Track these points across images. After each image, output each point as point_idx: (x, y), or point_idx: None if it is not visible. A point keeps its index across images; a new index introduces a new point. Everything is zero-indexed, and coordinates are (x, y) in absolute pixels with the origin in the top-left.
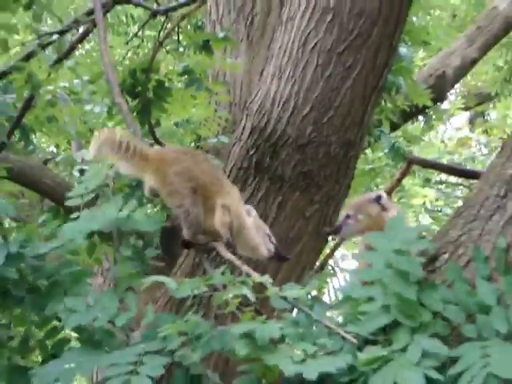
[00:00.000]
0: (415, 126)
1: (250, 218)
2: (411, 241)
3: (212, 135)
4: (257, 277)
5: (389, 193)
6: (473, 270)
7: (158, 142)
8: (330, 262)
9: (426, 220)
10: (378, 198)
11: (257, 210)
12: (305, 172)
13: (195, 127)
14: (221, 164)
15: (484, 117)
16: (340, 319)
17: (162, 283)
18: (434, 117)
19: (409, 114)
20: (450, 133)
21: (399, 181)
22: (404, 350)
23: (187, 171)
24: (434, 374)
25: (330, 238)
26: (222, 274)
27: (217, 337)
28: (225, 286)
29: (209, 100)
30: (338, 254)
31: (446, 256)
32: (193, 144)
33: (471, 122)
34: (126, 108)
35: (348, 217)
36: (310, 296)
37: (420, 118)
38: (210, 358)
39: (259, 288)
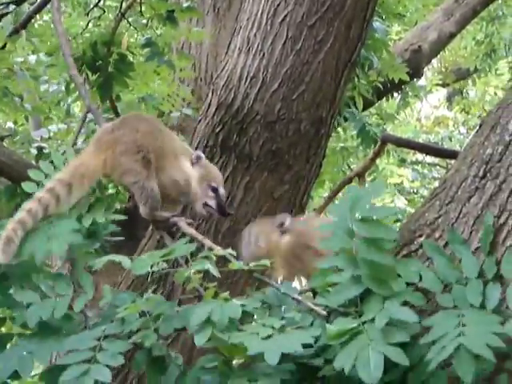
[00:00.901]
0: (390, 104)
1: (194, 168)
2: (375, 208)
3: (175, 111)
4: (220, 250)
5: (362, 173)
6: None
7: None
8: None
9: (401, 202)
10: (281, 224)
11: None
12: (274, 150)
13: (158, 102)
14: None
15: (462, 94)
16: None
17: (122, 266)
18: (409, 93)
19: (383, 91)
20: (427, 111)
21: (373, 160)
22: (374, 320)
23: (131, 145)
24: (397, 356)
25: None
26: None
27: (178, 315)
28: (187, 262)
29: (173, 76)
30: None
31: (422, 239)
32: None
33: (449, 100)
34: (80, 81)
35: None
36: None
37: (395, 95)
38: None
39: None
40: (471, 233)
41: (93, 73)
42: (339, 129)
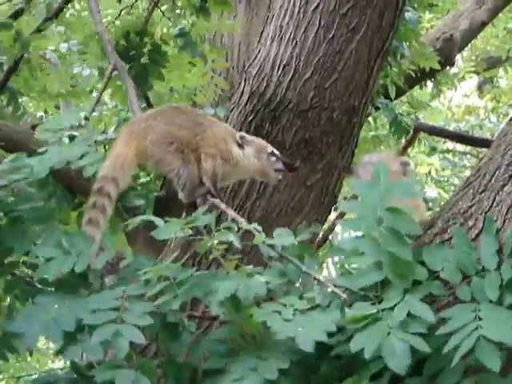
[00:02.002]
0: (422, 92)
1: (245, 149)
2: (404, 194)
3: (208, 102)
4: (244, 223)
5: None
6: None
7: (151, 107)
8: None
9: (432, 190)
10: (405, 163)
11: None
12: (306, 139)
13: (190, 93)
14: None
15: (493, 83)
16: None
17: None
18: (443, 81)
19: (415, 79)
20: (458, 99)
21: (405, 148)
22: (393, 308)
23: (164, 135)
24: (418, 343)
25: (333, 207)
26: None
27: (200, 283)
28: (209, 232)
29: (206, 67)
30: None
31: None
32: None
33: (479, 89)
34: (107, 38)
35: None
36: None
37: (428, 83)
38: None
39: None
40: (504, 221)
41: (126, 62)
42: (370, 118)
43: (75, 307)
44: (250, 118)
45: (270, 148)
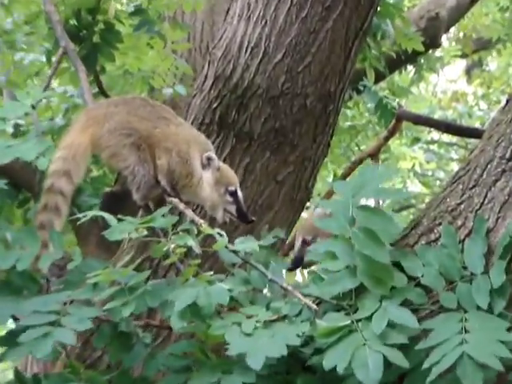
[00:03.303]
0: (403, 77)
1: (205, 171)
2: (382, 190)
3: (167, 86)
4: (205, 226)
5: (375, 153)
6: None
7: (104, 93)
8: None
9: (414, 186)
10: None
11: None
12: (277, 128)
13: (148, 76)
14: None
15: (482, 67)
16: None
17: None
18: (425, 66)
19: (396, 63)
20: (444, 85)
21: (387, 139)
22: (370, 318)
23: (123, 125)
24: (396, 357)
25: (306, 205)
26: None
27: (154, 292)
28: (166, 235)
29: (166, 49)
30: None
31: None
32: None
33: (468, 73)
34: (56, 18)
35: (305, 242)
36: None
37: (409, 67)
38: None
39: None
40: (497, 220)
41: (76, 43)
42: (349, 103)
43: (14, 307)
44: (215, 105)
45: (233, 187)
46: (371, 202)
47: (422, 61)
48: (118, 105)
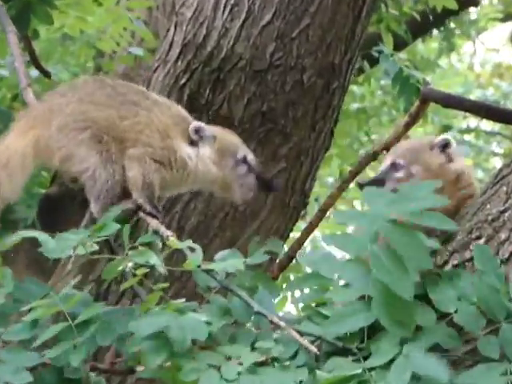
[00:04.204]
0: (428, 46)
1: (200, 148)
2: (424, 215)
3: (122, 52)
4: (172, 238)
5: (390, 146)
6: None
7: (37, 65)
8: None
9: None
10: (445, 145)
11: None
12: (264, 112)
13: (94, 39)
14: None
15: None
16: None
17: None
18: (457, 31)
19: (420, 27)
20: (483, 56)
21: (408, 126)
22: (387, 366)
23: (76, 117)
24: None
25: (302, 212)
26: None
27: (109, 325)
28: (123, 250)
29: (119, 7)
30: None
31: (481, 242)
32: (90, 64)
33: None
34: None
35: (395, 167)
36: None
37: (436, 32)
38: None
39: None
40: None
41: (4, 2)
42: (359, 79)
43: None
44: (183, 81)
45: (242, 151)
46: None
47: (453, 25)
48: (65, 94)
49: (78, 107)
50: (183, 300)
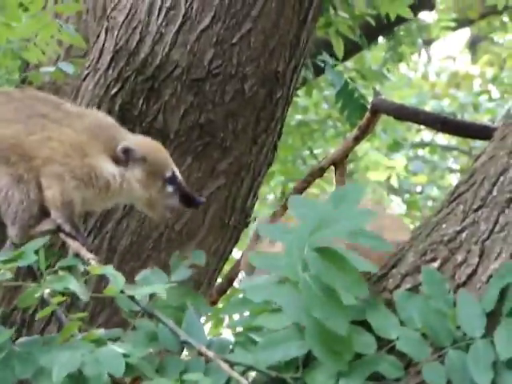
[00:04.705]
0: (374, 55)
1: (129, 168)
2: (359, 234)
3: (48, 61)
4: (93, 262)
5: (340, 160)
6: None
7: None
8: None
9: (395, 205)
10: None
11: None
12: (202, 124)
13: (20, 48)
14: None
15: (493, 39)
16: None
17: None
18: (405, 40)
19: (373, 33)
20: (438, 65)
21: (358, 140)
22: None
23: None
24: None
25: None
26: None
27: (25, 355)
28: (41, 275)
29: (46, 12)
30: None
31: (436, 265)
32: (15, 76)
33: (472, 48)
34: None
35: None
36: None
37: (381, 40)
38: None
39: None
40: None
41: None
42: (300, 91)
43: None
44: (114, 91)
45: (170, 169)
46: None
47: (402, 32)
48: None
49: None
50: (102, 330)
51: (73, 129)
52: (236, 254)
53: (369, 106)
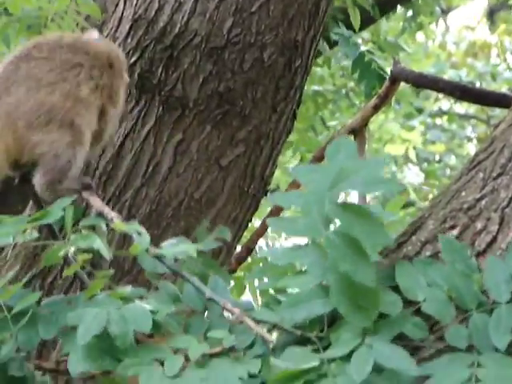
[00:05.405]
0: (392, 25)
1: None
2: (372, 182)
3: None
4: (117, 219)
5: (360, 129)
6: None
7: None
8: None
9: (413, 174)
10: None
11: (141, 154)
12: (221, 92)
13: (35, 22)
14: None
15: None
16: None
17: None
18: (422, 9)
19: (387, 3)
20: (456, 33)
21: (377, 108)
22: (348, 358)
23: (38, 113)
24: None
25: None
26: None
27: (48, 316)
28: (64, 236)
29: None
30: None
31: (455, 232)
32: None
33: (490, 17)
34: None
35: None
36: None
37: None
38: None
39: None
40: None
41: None
42: (319, 60)
43: None
44: (133, 60)
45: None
46: (354, 198)
47: (420, 1)
48: (10, 85)
49: (33, 99)
50: (129, 287)
51: None
52: (255, 222)
53: (387, 76)
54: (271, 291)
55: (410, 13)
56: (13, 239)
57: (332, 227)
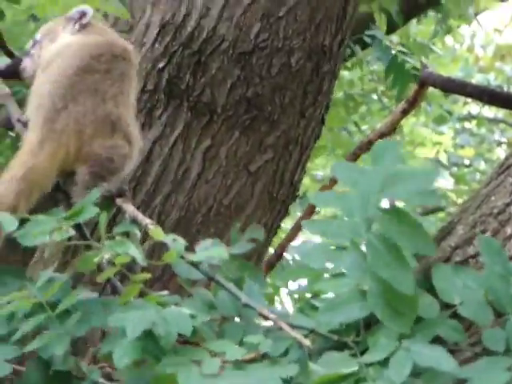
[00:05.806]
0: (421, 29)
1: None
2: (421, 193)
3: None
4: (153, 227)
5: (388, 133)
6: None
7: (4, 48)
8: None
9: (443, 180)
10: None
11: (170, 160)
12: (249, 98)
13: None
14: None
15: None
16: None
17: None
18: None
19: (414, 6)
20: (484, 38)
21: (406, 112)
22: (386, 362)
23: (102, 123)
24: None
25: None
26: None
27: (88, 317)
28: (99, 240)
29: None
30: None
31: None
32: None
33: None
34: None
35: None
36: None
37: (430, 13)
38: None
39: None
40: None
41: None
42: (348, 63)
43: None
44: (161, 65)
45: None
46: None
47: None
48: (75, 99)
49: (98, 110)
50: (166, 292)
51: None
52: (284, 228)
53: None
54: (307, 295)
55: (438, 16)
56: (49, 236)
57: (372, 231)
